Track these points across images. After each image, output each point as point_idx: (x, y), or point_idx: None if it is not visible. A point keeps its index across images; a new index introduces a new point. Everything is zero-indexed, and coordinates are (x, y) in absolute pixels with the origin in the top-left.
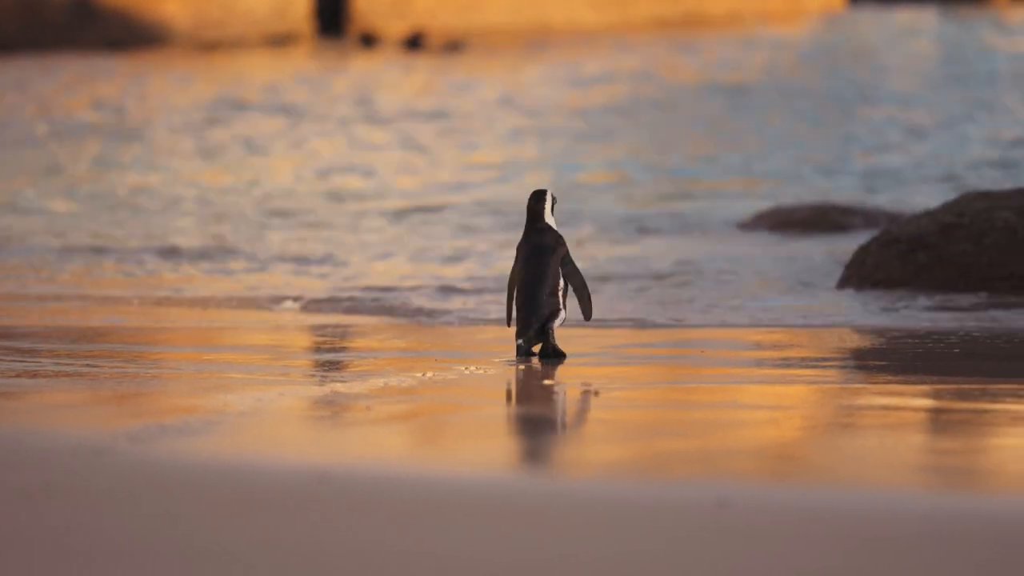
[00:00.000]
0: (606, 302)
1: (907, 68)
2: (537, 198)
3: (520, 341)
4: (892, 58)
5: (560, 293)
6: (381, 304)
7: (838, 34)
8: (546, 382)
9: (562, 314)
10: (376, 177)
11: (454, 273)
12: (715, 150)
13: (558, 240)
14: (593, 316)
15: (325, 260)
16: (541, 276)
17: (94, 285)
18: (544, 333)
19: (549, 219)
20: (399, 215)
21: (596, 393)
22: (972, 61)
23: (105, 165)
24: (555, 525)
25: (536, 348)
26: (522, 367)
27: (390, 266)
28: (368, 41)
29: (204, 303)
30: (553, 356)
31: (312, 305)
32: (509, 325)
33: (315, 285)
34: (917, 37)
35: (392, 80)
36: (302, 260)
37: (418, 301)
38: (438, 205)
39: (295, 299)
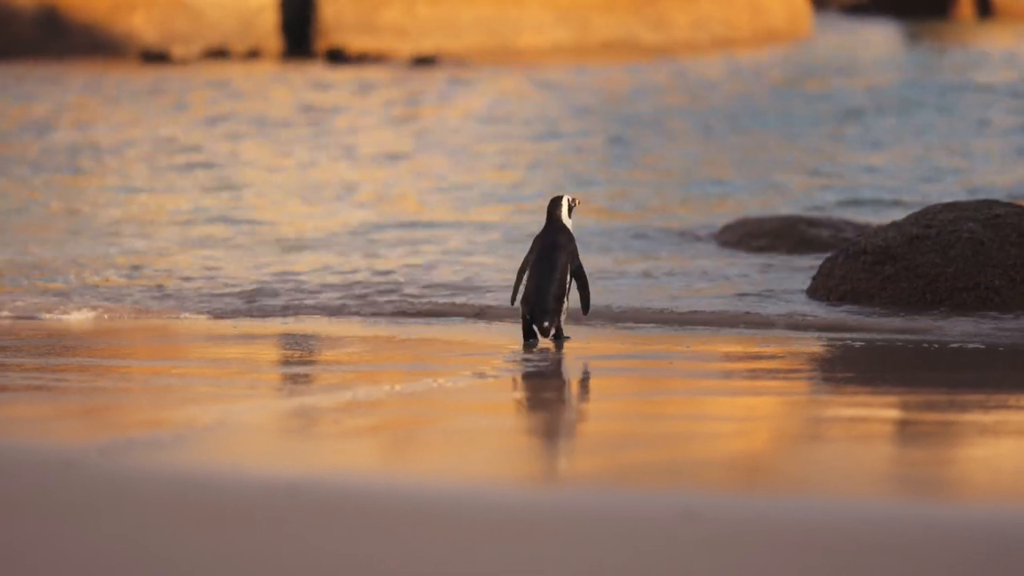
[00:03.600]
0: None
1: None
2: (555, 203)
3: (539, 324)
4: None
5: (566, 286)
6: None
7: (799, 60)
8: (516, 394)
9: (565, 304)
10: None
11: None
12: (677, 168)
13: (570, 239)
14: (560, 328)
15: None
16: (552, 268)
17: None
18: (556, 324)
19: (566, 221)
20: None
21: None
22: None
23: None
24: (525, 536)
25: (538, 329)
26: (492, 377)
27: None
28: (335, 57)
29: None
30: (562, 338)
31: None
32: (513, 304)
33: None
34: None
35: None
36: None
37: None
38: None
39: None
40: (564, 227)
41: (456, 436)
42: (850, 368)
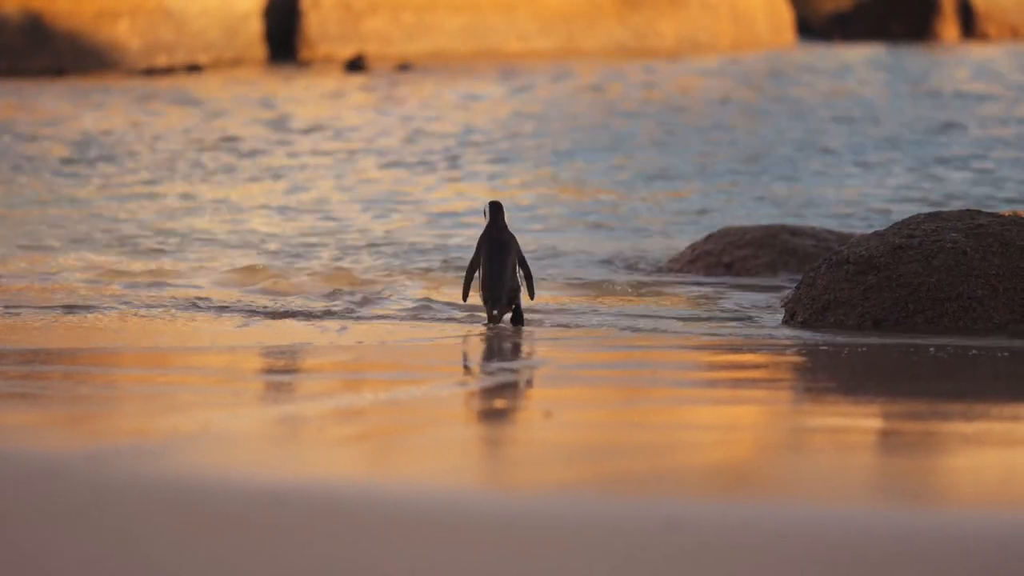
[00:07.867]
0: (554, 321)
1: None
2: (496, 207)
3: (494, 311)
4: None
5: (518, 276)
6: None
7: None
8: (499, 403)
9: (522, 289)
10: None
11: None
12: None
13: (512, 238)
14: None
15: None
16: (504, 265)
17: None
18: (515, 307)
19: (503, 222)
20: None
21: (549, 414)
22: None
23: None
24: (508, 545)
25: (506, 318)
26: (476, 386)
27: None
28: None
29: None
30: (520, 322)
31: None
32: (464, 300)
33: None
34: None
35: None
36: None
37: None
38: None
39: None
40: (505, 227)
41: (439, 444)
42: (832, 377)
